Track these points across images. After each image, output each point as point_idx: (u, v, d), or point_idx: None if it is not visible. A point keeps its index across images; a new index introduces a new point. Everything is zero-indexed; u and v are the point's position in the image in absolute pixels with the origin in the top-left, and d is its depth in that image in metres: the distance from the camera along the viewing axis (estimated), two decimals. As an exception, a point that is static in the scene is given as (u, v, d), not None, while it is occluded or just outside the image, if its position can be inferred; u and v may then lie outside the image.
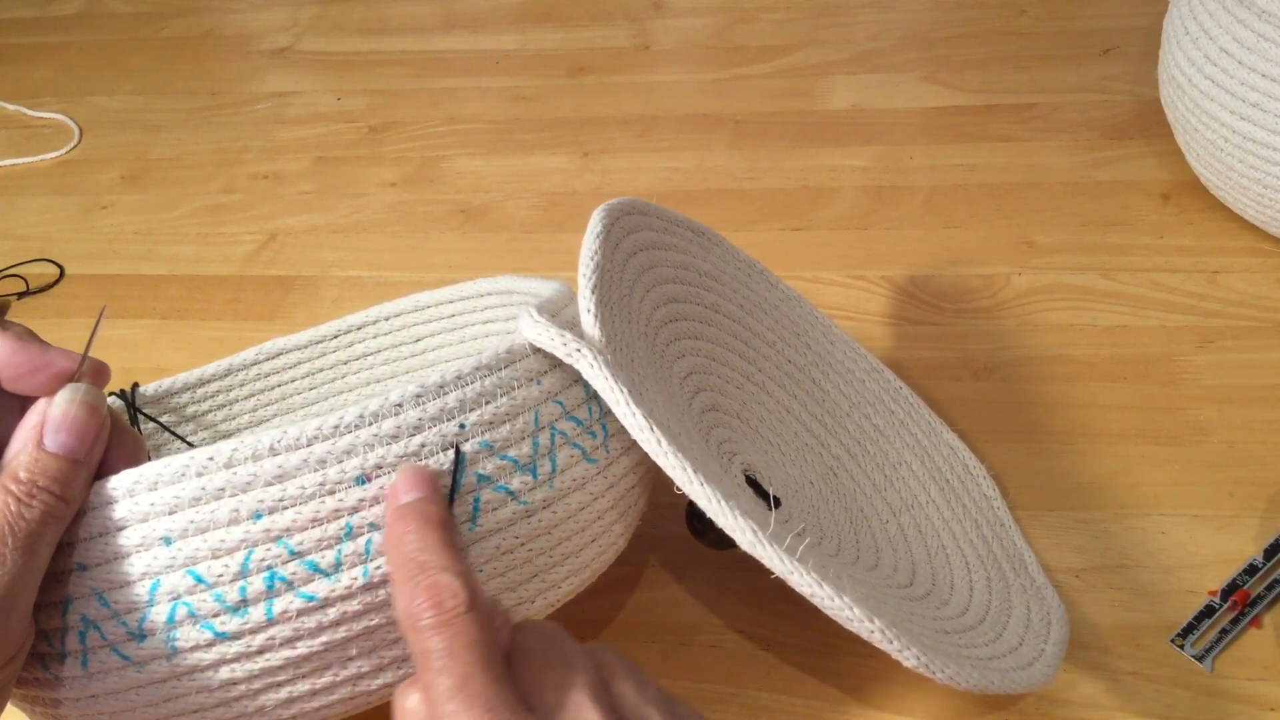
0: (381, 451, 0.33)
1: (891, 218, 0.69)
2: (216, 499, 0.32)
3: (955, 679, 0.35)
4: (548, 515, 0.36)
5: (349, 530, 0.32)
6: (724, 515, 0.34)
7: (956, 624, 0.42)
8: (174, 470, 0.32)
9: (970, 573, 0.46)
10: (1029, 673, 0.40)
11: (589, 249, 0.41)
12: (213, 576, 0.32)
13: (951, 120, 0.76)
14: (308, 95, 0.90)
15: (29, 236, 0.78)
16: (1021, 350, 0.58)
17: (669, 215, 0.49)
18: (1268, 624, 0.45)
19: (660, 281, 0.47)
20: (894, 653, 0.34)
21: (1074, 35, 0.83)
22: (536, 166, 0.78)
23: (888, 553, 0.46)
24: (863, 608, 0.34)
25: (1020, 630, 0.42)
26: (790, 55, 0.86)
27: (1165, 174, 0.68)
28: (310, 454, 0.32)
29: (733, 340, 0.50)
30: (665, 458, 0.35)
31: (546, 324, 0.36)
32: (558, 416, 0.37)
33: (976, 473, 0.51)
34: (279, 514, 0.32)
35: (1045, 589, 0.46)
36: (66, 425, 0.32)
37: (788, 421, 0.50)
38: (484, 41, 0.93)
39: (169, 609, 0.32)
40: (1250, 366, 0.56)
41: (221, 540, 0.32)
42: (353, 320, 0.54)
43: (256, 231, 0.75)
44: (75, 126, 0.89)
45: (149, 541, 0.32)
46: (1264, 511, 0.49)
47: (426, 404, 0.34)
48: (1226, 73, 0.57)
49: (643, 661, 0.46)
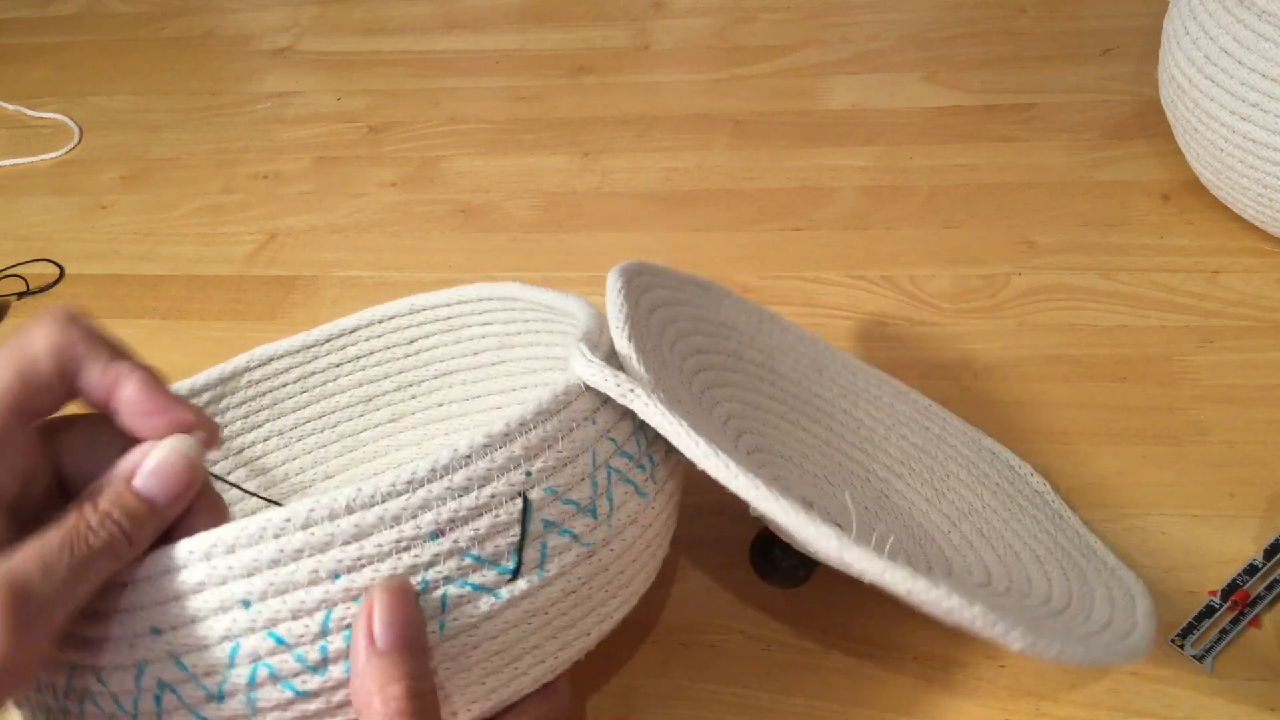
0: (454, 505, 0.33)
1: (891, 218, 0.69)
2: (295, 560, 0.32)
3: (1064, 654, 0.34)
4: (606, 553, 0.36)
5: (425, 585, 0.32)
6: (806, 525, 0.34)
7: (1046, 610, 0.41)
8: (251, 533, 0.32)
9: (1044, 565, 0.45)
10: (1128, 642, 0.39)
11: (615, 304, 0.41)
12: (294, 637, 0.32)
13: (951, 120, 0.76)
14: (308, 95, 0.90)
15: (29, 236, 0.78)
16: (1021, 350, 0.58)
17: (675, 274, 0.50)
18: (1268, 624, 0.45)
19: (683, 334, 0.47)
20: (999, 636, 0.33)
21: (1074, 35, 0.83)
22: (536, 166, 0.78)
23: (958, 559, 0.46)
24: (961, 595, 0.33)
25: (1107, 609, 0.42)
26: (790, 55, 0.86)
27: (1165, 174, 0.68)
28: (385, 511, 0.32)
29: (760, 384, 0.51)
30: (737, 480, 0.34)
31: (600, 365, 0.37)
32: (612, 453, 0.37)
33: (1023, 471, 0.51)
34: (358, 572, 0.32)
35: (1119, 569, 0.45)
36: (160, 472, 0.32)
37: (829, 454, 0.50)
38: (484, 41, 0.93)
39: (249, 670, 0.32)
40: (1250, 366, 0.56)
41: (301, 601, 0.32)
42: (345, 324, 0.54)
43: (256, 231, 0.75)
44: (75, 126, 0.89)
45: (228, 604, 0.32)
46: (1264, 511, 0.49)
47: (494, 453, 0.34)
48: (1226, 73, 0.57)
49: (643, 661, 0.46)
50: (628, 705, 0.45)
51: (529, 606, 0.34)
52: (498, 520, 0.33)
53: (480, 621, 0.33)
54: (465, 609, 0.33)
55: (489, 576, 0.33)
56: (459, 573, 0.33)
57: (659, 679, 0.46)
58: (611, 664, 0.46)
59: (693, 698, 0.45)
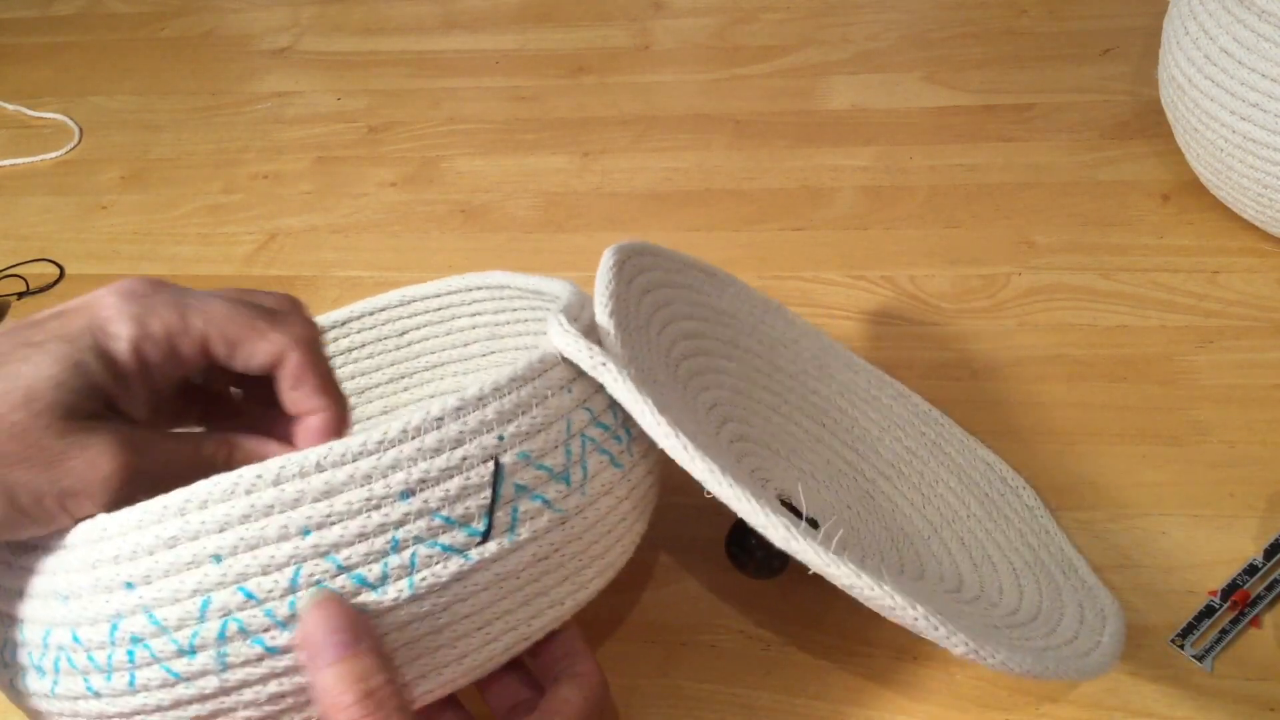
0: (425, 466, 0.33)
1: (891, 218, 0.69)
2: (265, 516, 0.32)
3: (1008, 664, 0.35)
4: (580, 521, 0.37)
5: (395, 544, 0.33)
6: (755, 513, 0.34)
7: (1008, 620, 0.41)
8: (224, 488, 0.32)
9: (1018, 578, 0.46)
10: (1086, 661, 0.40)
11: (603, 280, 0.41)
12: (263, 592, 0.32)
13: (951, 120, 0.76)
14: (308, 95, 0.90)
15: (29, 236, 0.78)
16: (1021, 350, 0.58)
17: (680, 257, 0.50)
18: (1268, 624, 0.45)
19: (676, 318, 0.47)
20: (941, 640, 0.33)
21: (1074, 35, 0.83)
22: (536, 166, 0.78)
23: (932, 565, 0.46)
24: (904, 595, 0.33)
25: (1074, 625, 0.42)
26: (790, 55, 0.86)
27: (1165, 174, 0.68)
28: (356, 469, 0.32)
29: (755, 374, 0.51)
30: (693, 462, 0.35)
31: (575, 335, 0.37)
32: (587, 423, 0.37)
33: (1015, 484, 0.51)
34: (327, 529, 0.32)
35: (1097, 589, 0.46)
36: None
37: (818, 450, 0.50)
38: (484, 41, 0.93)
39: (220, 625, 0.32)
40: (1250, 366, 0.56)
41: (271, 557, 0.32)
42: (336, 316, 0.54)
43: (256, 231, 0.75)
44: (75, 126, 0.89)
45: (200, 559, 0.32)
46: (1264, 511, 0.49)
47: (466, 417, 0.34)
48: (1226, 73, 0.57)
49: (643, 661, 0.46)
50: (628, 705, 0.45)
51: (500, 570, 0.34)
52: (469, 482, 0.34)
53: (450, 582, 0.33)
54: (435, 569, 0.33)
55: (459, 538, 0.33)
56: (429, 533, 0.33)
57: (659, 679, 0.46)
58: (611, 664, 0.46)
59: (693, 698, 0.45)
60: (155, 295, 0.35)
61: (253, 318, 0.35)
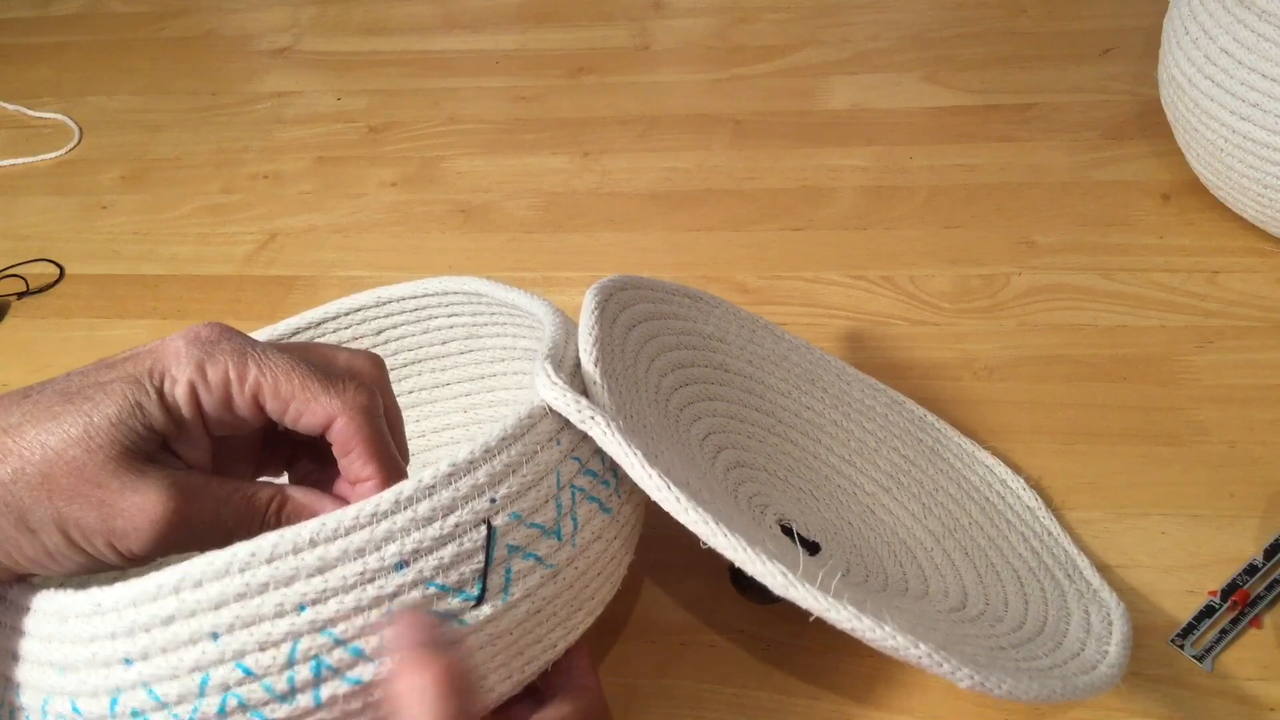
0: (418, 535, 0.33)
1: (891, 218, 0.69)
2: (261, 593, 0.32)
3: (1014, 693, 0.34)
4: (571, 571, 0.37)
5: (390, 615, 0.33)
6: (752, 562, 0.34)
7: (1013, 638, 0.41)
8: (217, 567, 0.32)
9: (1023, 586, 0.46)
10: (1093, 676, 0.39)
11: (586, 325, 0.41)
12: (261, 668, 0.32)
13: (951, 120, 0.76)
14: (308, 95, 0.90)
15: (29, 236, 0.78)
16: (1021, 350, 0.58)
17: (663, 285, 0.50)
18: (1268, 624, 0.45)
19: (665, 350, 0.47)
20: (947, 675, 0.34)
21: (1074, 35, 0.83)
22: (536, 166, 0.78)
23: (936, 579, 0.46)
24: (907, 635, 0.33)
25: (1081, 635, 0.42)
26: (790, 55, 0.86)
27: (1165, 174, 0.68)
28: (349, 543, 0.32)
29: (747, 396, 0.51)
30: (686, 514, 0.35)
31: (562, 388, 0.37)
32: (576, 472, 0.37)
33: (1015, 486, 0.51)
34: (323, 605, 0.32)
35: (1102, 590, 0.46)
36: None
37: (816, 467, 0.50)
38: (484, 41, 0.93)
39: (220, 700, 0.32)
40: (1250, 366, 0.56)
41: (268, 634, 0.32)
42: (311, 316, 0.53)
43: (256, 231, 0.75)
44: (75, 126, 0.89)
45: (197, 636, 0.32)
46: (1264, 511, 0.49)
47: (459, 482, 0.34)
48: (1226, 73, 0.57)
49: (643, 661, 0.46)
50: (628, 705, 0.45)
51: (494, 630, 0.34)
52: (462, 549, 0.33)
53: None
54: None
55: (453, 604, 0.33)
56: (423, 602, 0.33)
57: (659, 679, 0.46)
58: (611, 664, 0.46)
59: (693, 698, 0.45)
60: (221, 343, 0.34)
61: (307, 378, 0.34)
